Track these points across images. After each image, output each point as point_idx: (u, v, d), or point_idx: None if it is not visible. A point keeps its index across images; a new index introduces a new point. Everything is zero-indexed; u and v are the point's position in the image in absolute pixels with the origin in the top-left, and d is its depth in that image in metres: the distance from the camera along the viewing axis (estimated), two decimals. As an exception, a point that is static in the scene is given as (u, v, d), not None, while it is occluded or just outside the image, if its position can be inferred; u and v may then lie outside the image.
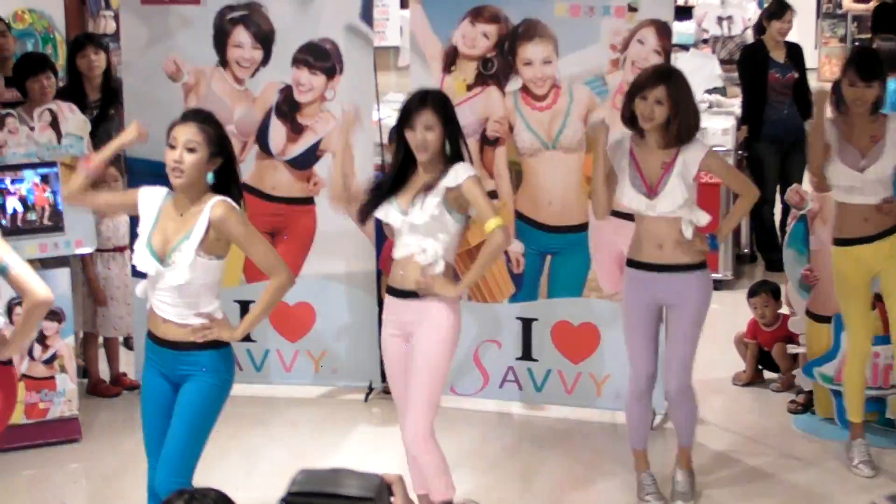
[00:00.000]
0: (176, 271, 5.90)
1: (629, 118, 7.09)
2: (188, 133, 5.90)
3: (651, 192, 6.99)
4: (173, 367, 6.07)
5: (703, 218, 7.08)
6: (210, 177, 6.02)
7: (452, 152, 6.53)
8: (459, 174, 6.43)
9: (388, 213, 6.56)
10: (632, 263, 7.23)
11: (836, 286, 7.98)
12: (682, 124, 6.95)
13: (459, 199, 6.44)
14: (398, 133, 6.62)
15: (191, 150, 5.88)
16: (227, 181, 6.09)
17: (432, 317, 6.55)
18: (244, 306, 8.11)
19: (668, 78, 7.00)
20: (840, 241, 7.86)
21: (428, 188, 6.44)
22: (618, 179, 7.11)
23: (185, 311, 5.98)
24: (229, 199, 6.02)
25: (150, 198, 6.08)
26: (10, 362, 6.13)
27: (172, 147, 5.92)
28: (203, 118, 6.05)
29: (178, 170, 5.88)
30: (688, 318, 7.20)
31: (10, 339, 6.19)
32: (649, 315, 7.24)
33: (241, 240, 6.05)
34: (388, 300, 6.72)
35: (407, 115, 6.49)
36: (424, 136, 6.41)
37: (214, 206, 5.92)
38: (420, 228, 6.45)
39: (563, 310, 8.70)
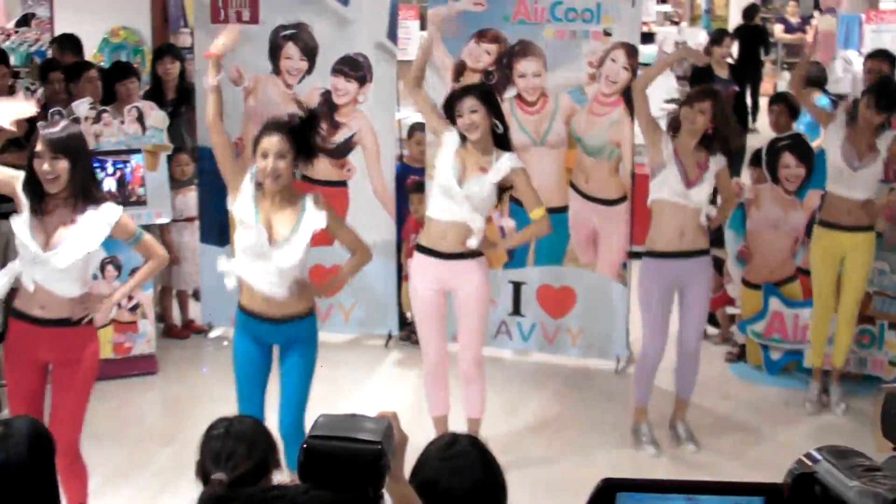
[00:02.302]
0: (288, 254, 5.71)
1: (673, 125, 7.03)
2: (276, 144, 5.66)
3: (689, 184, 6.87)
4: (276, 336, 5.93)
5: (713, 211, 7.05)
6: (297, 175, 5.93)
7: (500, 137, 6.43)
8: (512, 163, 6.37)
9: (444, 168, 6.39)
10: (655, 254, 7.04)
11: (812, 257, 7.93)
12: (720, 140, 6.92)
13: (504, 183, 6.41)
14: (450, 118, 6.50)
15: (281, 157, 5.67)
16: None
17: (474, 273, 6.52)
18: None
19: (713, 96, 6.97)
20: (823, 223, 7.79)
21: (483, 169, 6.34)
22: (658, 170, 6.97)
23: (287, 287, 5.81)
24: (321, 195, 5.89)
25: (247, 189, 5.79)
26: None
27: (265, 157, 5.68)
28: (282, 126, 5.77)
29: (275, 175, 5.66)
30: (704, 293, 7.15)
31: (122, 291, 6.10)
32: (669, 298, 7.09)
33: (336, 227, 5.96)
34: (423, 259, 6.56)
35: (452, 102, 6.42)
36: (471, 118, 6.30)
37: (315, 198, 5.81)
38: (472, 202, 6.35)
39: (547, 275, 8.65)
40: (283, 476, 3.85)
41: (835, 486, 2.44)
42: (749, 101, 16.17)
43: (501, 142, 6.49)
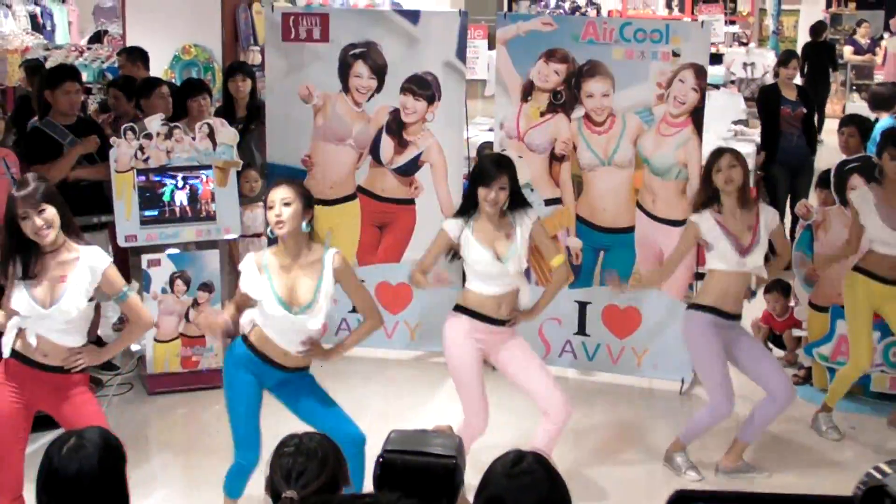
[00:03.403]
0: (316, 316, 5.77)
1: (706, 200, 6.95)
2: (281, 192, 5.77)
3: (744, 252, 6.83)
4: (275, 379, 5.96)
5: (763, 272, 7.04)
6: (304, 227, 5.84)
7: (512, 202, 6.36)
8: (528, 219, 6.37)
9: (480, 257, 6.32)
10: (717, 312, 6.92)
11: (847, 305, 7.83)
12: (747, 184, 6.91)
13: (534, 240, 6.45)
14: (471, 183, 6.45)
15: (287, 204, 5.74)
16: None
17: (515, 333, 6.55)
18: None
19: (728, 150, 6.98)
20: (861, 270, 7.70)
21: (508, 235, 6.32)
22: (709, 248, 6.95)
23: (303, 342, 5.89)
24: (340, 252, 5.92)
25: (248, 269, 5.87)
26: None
27: (271, 208, 5.76)
28: (289, 181, 5.95)
29: (280, 222, 5.73)
30: (757, 343, 7.25)
31: (109, 349, 6.15)
32: (725, 354, 7.01)
33: (351, 285, 5.99)
34: (475, 323, 6.42)
35: (483, 175, 6.32)
36: (498, 195, 6.26)
37: (334, 256, 5.84)
38: (516, 269, 6.34)
39: (612, 295, 8.58)
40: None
41: None
42: (815, 117, 16.13)
43: (513, 203, 6.41)
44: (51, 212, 5.45)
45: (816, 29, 18.88)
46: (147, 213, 8.15)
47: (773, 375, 7.00)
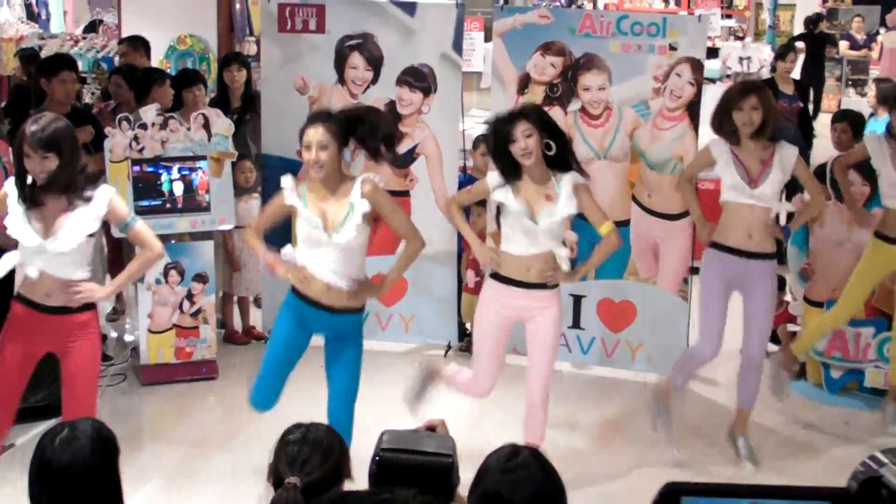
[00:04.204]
0: (344, 234, 5.82)
1: (724, 130, 6.91)
2: (318, 135, 5.80)
3: (753, 183, 6.81)
4: (325, 324, 6.02)
5: (788, 206, 6.97)
6: (347, 155, 5.96)
7: (555, 158, 6.23)
8: (575, 182, 6.21)
9: (518, 218, 6.24)
10: (719, 246, 6.98)
11: (859, 266, 7.80)
12: (772, 124, 6.82)
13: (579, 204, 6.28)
14: (501, 153, 6.28)
15: (324, 148, 5.80)
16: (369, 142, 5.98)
17: (553, 305, 6.42)
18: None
19: (757, 88, 6.89)
20: (879, 235, 7.65)
21: (549, 197, 6.22)
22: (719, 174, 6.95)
23: (346, 277, 5.92)
24: (373, 177, 5.96)
25: (290, 196, 5.99)
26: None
27: (308, 148, 5.83)
28: (326, 118, 5.91)
29: (318, 165, 5.80)
30: (769, 300, 7.07)
31: (118, 281, 6.17)
32: (727, 294, 7.03)
33: (387, 209, 5.98)
34: (502, 288, 6.41)
35: (506, 123, 6.19)
36: (527, 143, 6.12)
37: (364, 182, 5.88)
38: (552, 233, 6.27)
39: (607, 289, 8.64)
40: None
41: None
42: (811, 106, 16.21)
43: (556, 161, 6.28)
44: (51, 162, 5.44)
45: (813, 20, 18.96)
46: (141, 203, 8.12)
47: (753, 337, 7.10)
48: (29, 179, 5.54)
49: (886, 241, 7.58)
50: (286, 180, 6.07)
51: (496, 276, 6.46)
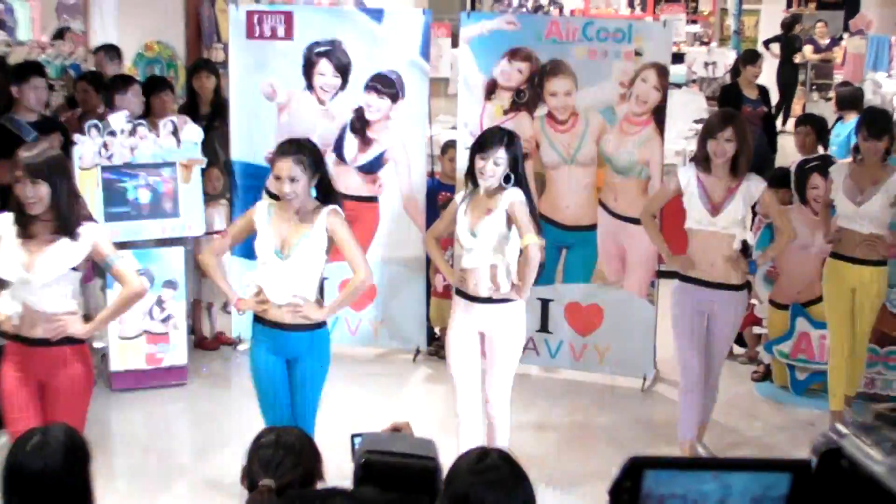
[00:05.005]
0: (296, 260, 5.85)
1: (697, 156, 6.98)
2: (287, 168, 5.81)
3: (714, 211, 6.83)
4: (288, 346, 6.00)
5: (750, 236, 7.00)
6: (312, 192, 5.97)
7: (512, 177, 6.30)
8: (511, 198, 6.25)
9: (459, 226, 6.39)
10: (685, 278, 7.01)
11: (825, 294, 7.89)
12: (745, 158, 6.82)
13: (511, 218, 6.30)
14: (471, 156, 6.40)
15: (293, 181, 5.81)
16: (326, 190, 6.02)
17: (510, 318, 6.47)
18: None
19: (733, 120, 6.90)
20: (835, 255, 7.74)
21: (489, 211, 6.30)
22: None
23: (294, 297, 5.93)
24: (338, 209, 5.99)
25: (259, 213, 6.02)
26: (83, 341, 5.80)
27: (278, 178, 5.85)
28: (296, 150, 5.90)
29: (290, 195, 5.82)
30: (729, 329, 7.09)
31: (99, 319, 5.98)
32: (699, 322, 7.02)
33: (343, 239, 5.98)
34: (461, 302, 6.51)
35: (482, 144, 6.32)
36: (494, 168, 6.24)
37: (330, 212, 5.91)
38: (490, 244, 6.32)
39: (574, 293, 8.67)
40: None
41: (863, 462, 2.43)
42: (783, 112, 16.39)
43: (513, 179, 6.35)
44: (43, 190, 5.39)
45: (789, 23, 19.23)
46: (111, 209, 8.12)
47: (711, 359, 7.10)
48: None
49: (842, 260, 7.67)
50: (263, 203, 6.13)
51: (458, 292, 6.57)
